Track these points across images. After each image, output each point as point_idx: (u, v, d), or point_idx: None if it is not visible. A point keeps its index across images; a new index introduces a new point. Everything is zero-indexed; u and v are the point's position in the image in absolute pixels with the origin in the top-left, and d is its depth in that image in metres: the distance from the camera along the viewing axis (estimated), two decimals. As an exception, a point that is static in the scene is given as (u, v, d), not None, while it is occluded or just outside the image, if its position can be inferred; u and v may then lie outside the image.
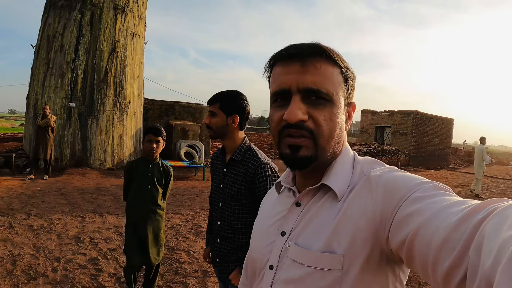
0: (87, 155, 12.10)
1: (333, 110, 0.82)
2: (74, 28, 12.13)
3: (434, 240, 0.60)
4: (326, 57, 0.82)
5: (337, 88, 0.83)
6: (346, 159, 0.90)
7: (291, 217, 0.91)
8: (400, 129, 24.88)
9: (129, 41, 13.15)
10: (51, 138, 10.09)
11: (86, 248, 5.07)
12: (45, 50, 12.30)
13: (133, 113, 13.39)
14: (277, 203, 1.01)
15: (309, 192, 0.89)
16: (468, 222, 0.56)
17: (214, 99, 2.12)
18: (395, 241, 0.70)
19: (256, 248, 1.01)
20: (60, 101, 11.89)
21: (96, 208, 7.32)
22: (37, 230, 5.71)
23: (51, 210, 6.95)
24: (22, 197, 7.84)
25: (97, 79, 12.28)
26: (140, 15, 13.86)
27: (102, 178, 10.85)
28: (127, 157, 13.16)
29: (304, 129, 0.81)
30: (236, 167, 2.11)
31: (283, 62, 0.84)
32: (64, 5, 12.29)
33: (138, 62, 13.86)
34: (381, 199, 0.75)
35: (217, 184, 2.21)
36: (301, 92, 0.81)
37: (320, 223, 0.84)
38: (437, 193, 0.69)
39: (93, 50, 12.27)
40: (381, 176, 0.80)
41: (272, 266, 0.90)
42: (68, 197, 8.17)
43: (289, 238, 0.88)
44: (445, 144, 28.62)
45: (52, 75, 12.02)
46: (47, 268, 4.38)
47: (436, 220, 0.62)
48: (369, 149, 20.67)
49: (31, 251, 4.85)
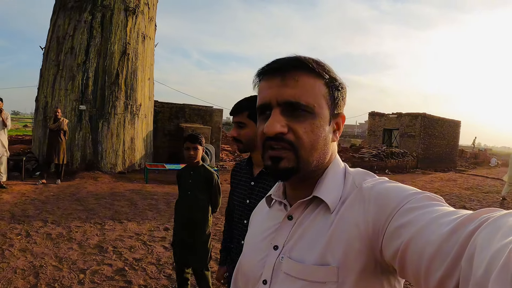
0: (98, 158, 11.95)
1: (314, 122, 0.82)
2: (84, 30, 11.99)
3: (426, 250, 0.60)
4: (306, 69, 0.82)
5: (319, 100, 0.83)
6: (337, 171, 0.90)
7: (283, 231, 0.90)
8: (408, 131, 24.84)
9: (140, 43, 13.00)
10: (63, 141, 9.91)
11: (111, 258, 4.89)
12: (55, 52, 12.15)
13: (144, 116, 13.25)
14: (268, 217, 1.00)
15: (301, 205, 0.89)
16: (460, 233, 0.57)
17: (240, 107, 1.95)
18: (388, 252, 0.70)
19: (248, 263, 1.00)
20: (70, 103, 11.74)
21: (114, 215, 7.14)
22: (57, 239, 5.53)
23: (68, 217, 6.78)
24: (36, 203, 7.67)
25: (108, 82, 12.13)
26: (151, 17, 13.72)
27: (115, 182, 10.68)
28: (138, 160, 13.01)
29: (284, 141, 0.81)
30: (266, 181, 1.95)
31: (266, 77, 0.86)
32: (74, 7, 12.15)
33: (149, 64, 13.72)
34: (374, 210, 0.75)
35: (242, 200, 2.04)
36: (280, 105, 0.82)
37: (313, 236, 0.83)
38: (428, 204, 0.69)
39: (104, 52, 12.12)
40: (373, 187, 0.80)
41: (266, 281, 0.89)
42: (83, 202, 8.00)
43: (282, 252, 0.88)
44: (452, 146, 28.62)
45: (62, 77, 11.87)
46: (73, 281, 4.20)
47: (428, 230, 0.62)
48: (378, 152, 20.56)
49: (53, 262, 4.68)
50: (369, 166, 19.09)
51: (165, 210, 7.82)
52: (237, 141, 1.97)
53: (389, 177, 1.08)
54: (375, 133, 27.00)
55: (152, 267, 4.71)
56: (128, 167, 12.58)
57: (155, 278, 4.39)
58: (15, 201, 7.69)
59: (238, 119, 1.94)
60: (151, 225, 6.61)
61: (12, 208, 7.13)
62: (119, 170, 12.23)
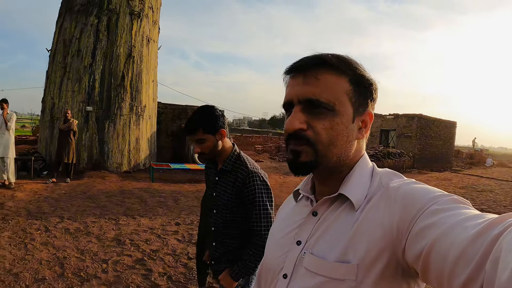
0: (104, 158, 12.26)
1: (334, 119, 0.83)
2: (91, 33, 12.29)
3: (451, 253, 0.60)
4: (328, 67, 0.84)
5: (341, 97, 0.84)
6: (364, 170, 0.90)
7: (307, 226, 0.92)
8: (405, 132, 25.15)
9: (144, 46, 13.33)
10: (73, 142, 10.23)
11: (129, 250, 5.23)
12: (62, 54, 12.44)
13: (148, 117, 13.57)
14: (293, 212, 1.02)
15: (326, 201, 0.90)
16: (485, 236, 0.56)
17: (194, 127, 2.08)
18: (411, 253, 0.70)
19: (270, 257, 1.02)
20: (77, 105, 12.03)
21: (126, 211, 7.47)
22: (75, 233, 5.85)
23: (83, 213, 7.10)
24: (49, 200, 7.98)
25: (114, 84, 12.45)
26: (155, 20, 14.05)
27: (122, 181, 10.99)
28: (143, 160, 13.33)
29: (303, 138, 0.83)
30: (227, 177, 2.17)
31: (291, 75, 0.89)
32: (81, 10, 12.45)
33: (153, 67, 14.05)
34: (399, 211, 0.75)
35: (211, 192, 2.29)
36: (301, 103, 0.84)
37: (336, 232, 0.84)
38: (454, 207, 0.69)
39: (110, 55, 12.44)
40: (399, 188, 0.80)
41: (286, 275, 0.91)
42: (95, 200, 8.33)
43: (305, 247, 0.89)
44: (448, 146, 28.92)
45: (69, 79, 12.16)
46: (97, 270, 4.52)
47: (453, 233, 0.62)
48: (375, 152, 20.85)
49: (75, 254, 4.99)
50: (367, 166, 19.25)
51: (174, 207, 8.16)
52: (203, 154, 2.13)
53: None
54: (372, 133, 27.04)
55: (169, 257, 5.05)
56: (133, 167, 12.89)
57: (173, 267, 4.74)
58: (28, 198, 7.99)
59: (197, 137, 2.08)
60: (162, 220, 6.95)
61: (27, 205, 7.42)
62: (124, 169, 12.53)
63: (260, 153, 23.67)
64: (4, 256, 4.78)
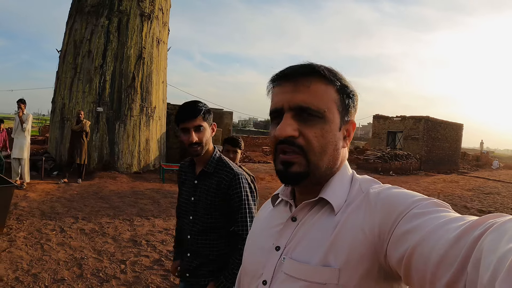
0: (114, 159, 12.30)
1: (324, 126, 0.84)
2: (101, 34, 12.35)
3: (432, 256, 0.60)
4: (318, 75, 0.84)
5: (330, 105, 0.85)
6: (344, 176, 0.91)
7: (286, 231, 0.91)
8: (412, 134, 25.13)
9: (154, 47, 13.39)
10: (85, 142, 10.28)
11: (146, 250, 5.26)
12: (72, 55, 12.50)
13: (158, 118, 13.61)
14: (272, 217, 1.01)
15: (306, 206, 0.90)
16: (466, 238, 0.57)
17: (195, 110, 1.93)
18: (393, 257, 0.70)
19: (249, 263, 1.00)
20: (88, 105, 12.09)
21: (140, 212, 7.51)
22: (91, 234, 5.88)
23: (97, 214, 7.14)
24: (62, 201, 8.03)
25: (124, 85, 12.50)
26: (165, 21, 14.11)
27: (133, 182, 11.03)
28: (152, 161, 13.36)
29: (295, 145, 0.83)
30: (209, 179, 2.04)
31: (279, 82, 0.88)
32: (91, 11, 12.51)
33: (163, 68, 14.10)
34: (380, 215, 0.76)
35: (187, 197, 2.12)
36: (292, 110, 0.84)
37: (316, 236, 0.84)
38: (435, 210, 0.69)
39: (121, 56, 12.50)
40: (380, 193, 0.81)
41: (266, 281, 0.89)
42: (108, 201, 8.37)
43: (284, 252, 0.88)
44: (455, 149, 28.88)
45: (80, 80, 12.23)
46: (115, 271, 4.55)
47: (434, 236, 0.62)
48: (382, 154, 20.82)
49: (93, 255, 5.02)
50: (374, 168, 19.39)
51: (186, 208, 8.13)
52: (197, 145, 1.95)
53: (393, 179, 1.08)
54: (379, 135, 27.28)
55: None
56: (143, 168, 12.93)
57: (191, 268, 4.76)
58: (41, 199, 8.04)
59: (197, 122, 1.93)
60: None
61: (40, 205, 7.46)
62: (134, 170, 12.56)
63: (268, 154, 23.65)
64: (21, 257, 4.81)
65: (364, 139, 57.24)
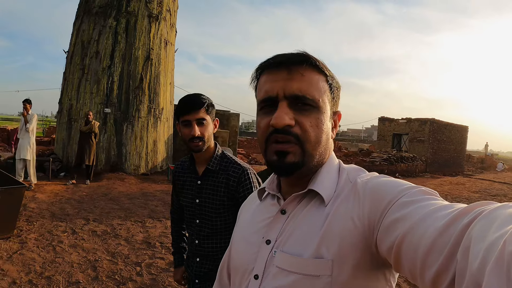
0: (122, 160, 12.25)
1: (319, 116, 0.84)
2: (109, 35, 12.33)
3: (422, 244, 0.60)
4: (311, 65, 0.84)
5: (323, 95, 0.85)
6: (332, 167, 0.90)
7: (276, 225, 0.90)
8: (418, 136, 25.13)
9: (162, 48, 13.35)
10: (94, 143, 10.23)
11: (161, 252, 5.19)
12: (80, 56, 12.47)
13: (165, 119, 13.57)
14: (259, 211, 0.99)
15: (295, 198, 0.88)
16: (455, 226, 0.57)
17: (198, 102, 1.82)
18: (383, 246, 0.70)
19: (238, 258, 0.99)
20: (95, 106, 12.04)
21: (151, 214, 7.45)
22: (103, 236, 5.82)
23: (108, 215, 7.08)
24: (72, 202, 7.97)
25: (132, 86, 12.46)
26: (172, 23, 14.08)
27: (141, 183, 10.99)
28: (160, 162, 13.30)
29: (291, 134, 0.81)
30: (215, 178, 1.91)
31: (270, 70, 0.86)
32: (99, 12, 12.49)
33: (170, 69, 14.06)
34: (369, 205, 0.76)
35: (191, 200, 1.98)
36: (287, 99, 0.82)
37: (307, 228, 0.83)
38: (423, 198, 0.69)
39: (129, 57, 12.47)
40: (368, 182, 0.81)
41: (258, 275, 0.88)
42: (118, 202, 8.31)
43: (275, 246, 0.87)
44: (460, 151, 28.87)
45: (88, 81, 12.20)
46: (131, 273, 4.48)
47: (423, 225, 0.62)
48: (388, 156, 20.79)
49: (106, 257, 4.96)
50: (380, 170, 19.27)
51: (197, 210, 8.08)
52: (199, 140, 1.83)
53: None
54: (384, 137, 27.27)
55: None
56: (151, 169, 12.88)
57: (208, 271, 4.70)
58: (50, 200, 7.98)
59: (200, 115, 1.82)
60: (188, 223, 6.90)
61: (50, 207, 7.41)
62: (142, 171, 12.51)
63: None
64: (33, 259, 4.75)
65: (368, 142, 57.20)
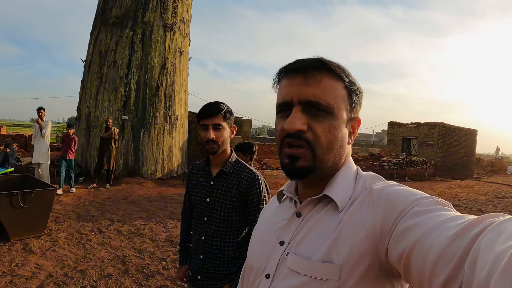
0: (139, 165, 12.69)
1: (332, 122, 0.83)
2: (126, 45, 12.82)
3: (431, 254, 0.60)
4: (328, 71, 0.84)
5: (339, 101, 0.84)
6: (349, 172, 0.90)
7: (291, 227, 0.91)
8: (427, 140, 25.19)
9: (177, 57, 13.83)
10: (114, 149, 10.70)
11: (184, 250, 5.56)
12: (97, 65, 12.98)
13: (181, 125, 14.03)
14: (277, 212, 1.01)
15: (310, 202, 0.90)
16: (464, 237, 0.57)
17: (217, 109, 1.96)
18: (393, 254, 0.70)
19: (253, 256, 1.01)
20: (113, 114, 12.51)
21: (171, 215, 7.82)
22: (128, 235, 6.20)
23: (130, 216, 7.48)
24: (95, 204, 8.39)
25: (149, 94, 12.94)
26: (186, 32, 14.56)
27: (159, 187, 11.40)
28: (175, 167, 13.73)
29: (302, 139, 0.82)
30: (227, 180, 2.04)
31: (288, 75, 0.87)
32: (116, 23, 13.01)
33: (185, 78, 14.54)
34: (382, 213, 0.76)
35: (202, 198, 2.10)
36: (301, 104, 0.83)
37: (320, 233, 0.84)
38: (435, 208, 0.69)
39: (145, 66, 12.95)
40: (382, 190, 0.80)
41: (269, 275, 0.90)
42: (139, 204, 8.71)
43: (288, 247, 0.89)
44: (469, 154, 28.85)
45: (106, 89, 12.68)
46: (158, 267, 4.85)
47: (433, 234, 0.62)
48: (398, 160, 20.92)
49: (134, 253, 5.32)
50: (389, 174, 19.38)
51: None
52: (213, 143, 1.96)
53: (408, 185, 1.17)
54: (394, 142, 27.37)
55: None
56: (167, 174, 13.31)
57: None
58: (74, 203, 8.40)
59: (216, 121, 1.95)
60: (206, 224, 7.25)
61: (75, 209, 7.82)
62: (158, 176, 12.94)
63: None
64: (66, 255, 5.12)
65: (378, 146, 57.13)
